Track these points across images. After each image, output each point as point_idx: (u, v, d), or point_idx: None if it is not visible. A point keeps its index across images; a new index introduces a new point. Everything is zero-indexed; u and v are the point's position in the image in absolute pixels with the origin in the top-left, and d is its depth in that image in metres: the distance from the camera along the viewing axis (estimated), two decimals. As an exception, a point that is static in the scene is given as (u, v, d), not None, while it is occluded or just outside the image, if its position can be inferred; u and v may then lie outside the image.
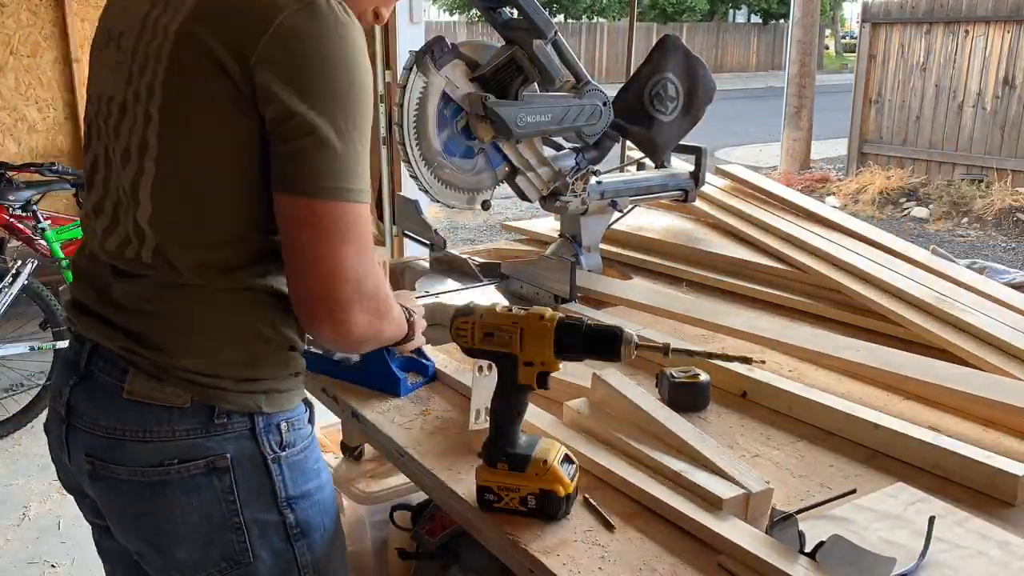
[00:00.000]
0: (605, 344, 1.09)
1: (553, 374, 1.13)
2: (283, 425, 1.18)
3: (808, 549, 1.01)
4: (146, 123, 1.09)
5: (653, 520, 1.13)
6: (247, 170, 1.07)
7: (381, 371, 1.51)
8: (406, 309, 1.34)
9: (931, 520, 1.07)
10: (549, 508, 1.11)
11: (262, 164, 1.07)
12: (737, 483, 1.14)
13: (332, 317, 1.08)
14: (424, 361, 1.56)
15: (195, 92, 1.05)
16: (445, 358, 1.62)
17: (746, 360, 1.13)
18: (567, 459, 1.16)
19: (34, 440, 3.56)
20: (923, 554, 1.04)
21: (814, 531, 1.04)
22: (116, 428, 1.12)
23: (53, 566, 2.77)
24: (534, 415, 1.40)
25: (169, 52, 1.06)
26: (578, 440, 1.29)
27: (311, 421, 1.27)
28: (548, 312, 1.12)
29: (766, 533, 1.04)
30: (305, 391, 1.27)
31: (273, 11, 1.02)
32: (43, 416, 3.74)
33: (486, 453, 1.14)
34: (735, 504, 1.11)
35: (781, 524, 1.03)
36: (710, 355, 1.17)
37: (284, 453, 1.17)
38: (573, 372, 1.52)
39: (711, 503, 1.11)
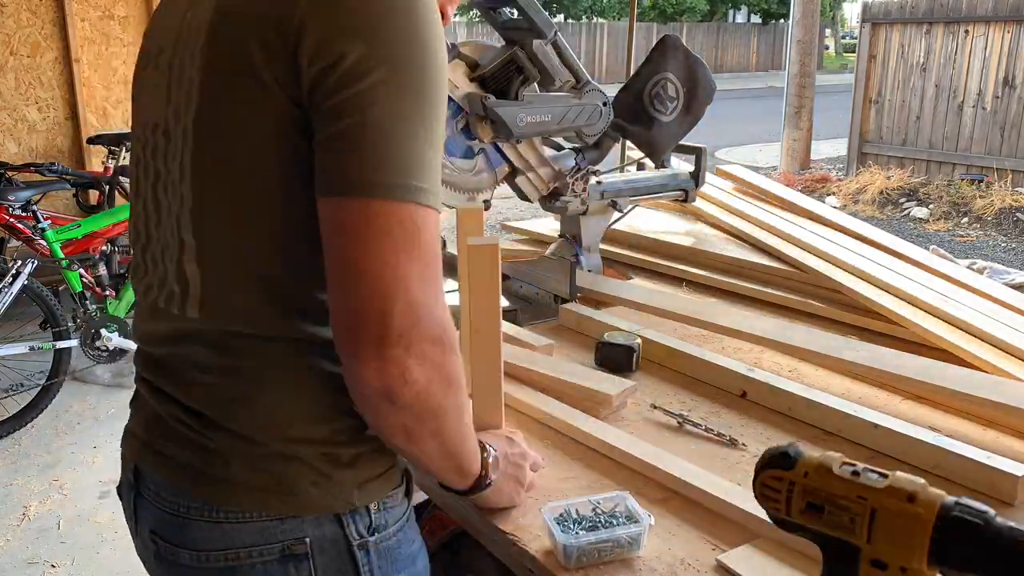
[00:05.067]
0: None
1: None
2: (372, 505, 0.96)
3: None
4: (184, 143, 0.91)
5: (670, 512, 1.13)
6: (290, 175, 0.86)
7: None
8: (487, 445, 1.05)
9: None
10: None
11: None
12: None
13: (379, 352, 0.81)
14: None
15: (231, 86, 0.86)
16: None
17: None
18: None
19: (34, 440, 3.57)
20: None
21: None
22: (182, 504, 0.94)
23: (53, 566, 2.77)
24: (565, 413, 1.40)
25: (203, 46, 0.88)
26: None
27: (408, 493, 1.04)
28: (921, 489, 0.72)
29: None
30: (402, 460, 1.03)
31: None
32: (43, 416, 3.72)
33: None
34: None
35: None
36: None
37: (374, 538, 0.96)
38: (586, 376, 1.52)
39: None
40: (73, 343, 3.78)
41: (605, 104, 1.97)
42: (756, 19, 33.14)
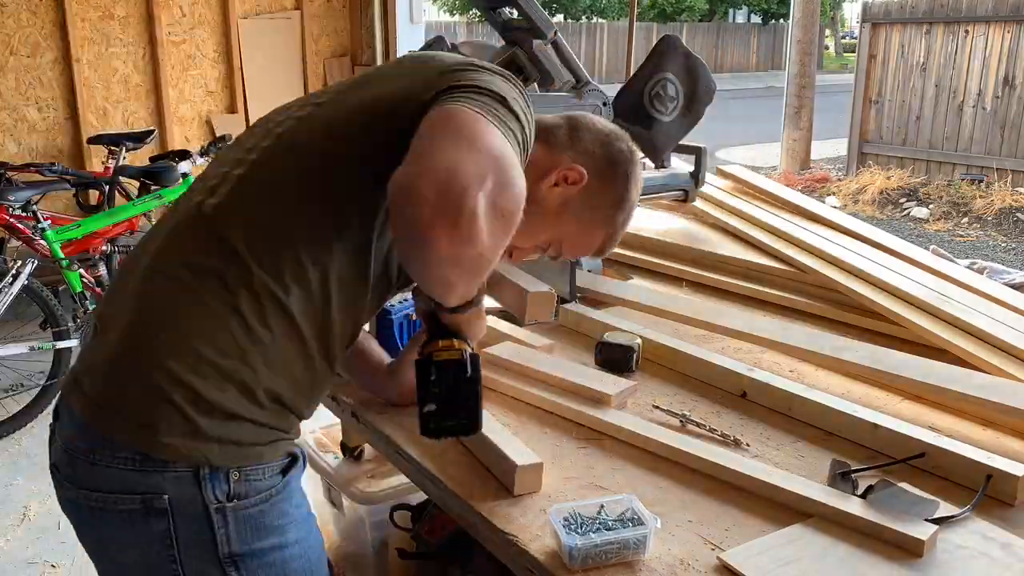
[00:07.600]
0: None
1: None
2: (234, 475, 1.03)
3: (859, 492, 1.13)
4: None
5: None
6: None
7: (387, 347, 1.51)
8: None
9: (988, 477, 1.18)
10: None
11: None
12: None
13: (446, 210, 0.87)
14: None
15: None
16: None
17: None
18: None
19: (34, 440, 3.56)
20: (973, 506, 1.14)
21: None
22: (71, 443, 1.05)
23: (53, 566, 2.76)
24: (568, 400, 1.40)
25: None
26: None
27: (285, 472, 1.10)
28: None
29: (829, 482, 1.18)
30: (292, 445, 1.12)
31: None
32: (43, 416, 3.70)
33: None
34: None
35: (842, 476, 1.18)
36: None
37: (231, 504, 1.03)
38: (586, 376, 1.52)
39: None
40: (73, 343, 3.77)
41: (605, 104, 1.97)
42: (756, 19, 33.13)
